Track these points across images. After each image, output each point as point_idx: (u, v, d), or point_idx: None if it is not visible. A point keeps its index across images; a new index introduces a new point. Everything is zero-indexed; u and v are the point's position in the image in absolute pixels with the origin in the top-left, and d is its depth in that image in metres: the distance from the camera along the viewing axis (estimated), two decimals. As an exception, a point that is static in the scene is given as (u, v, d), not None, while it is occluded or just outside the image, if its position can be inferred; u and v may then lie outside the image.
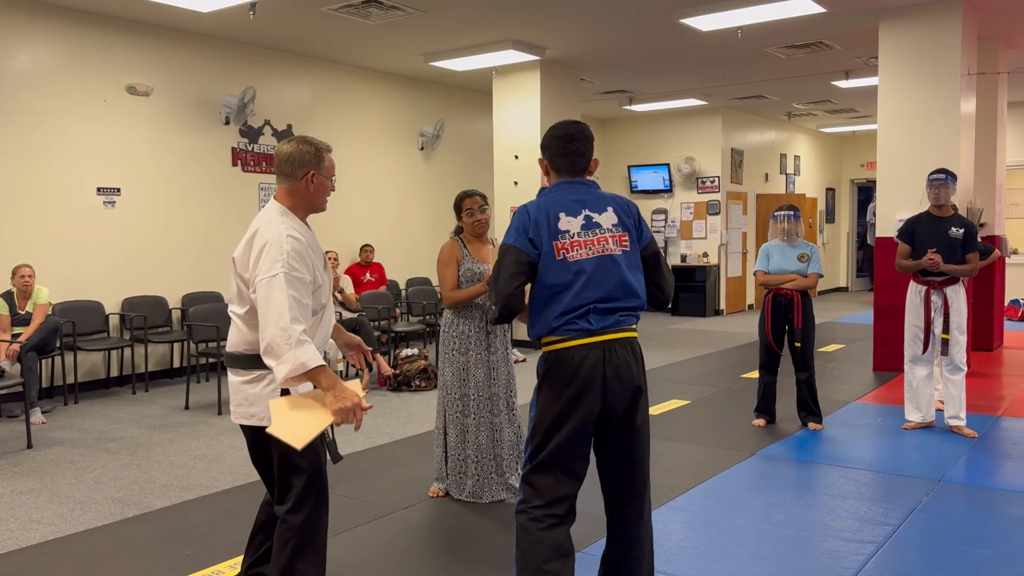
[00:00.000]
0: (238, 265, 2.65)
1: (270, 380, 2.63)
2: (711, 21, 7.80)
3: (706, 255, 13.59)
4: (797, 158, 16.11)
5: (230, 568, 3.46)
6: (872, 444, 5.35)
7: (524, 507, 2.65)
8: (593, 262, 2.60)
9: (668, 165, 13.86)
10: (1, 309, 6.34)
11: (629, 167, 14.20)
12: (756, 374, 6.01)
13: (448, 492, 4.31)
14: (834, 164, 17.82)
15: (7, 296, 6.51)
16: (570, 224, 2.63)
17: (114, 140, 7.68)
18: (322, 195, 2.75)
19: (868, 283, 17.92)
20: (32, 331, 6.34)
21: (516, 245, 2.61)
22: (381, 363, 8.57)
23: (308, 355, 2.46)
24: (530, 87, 9.71)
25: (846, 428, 5.74)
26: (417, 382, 7.39)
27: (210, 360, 7.58)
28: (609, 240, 2.64)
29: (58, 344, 6.73)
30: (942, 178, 5.41)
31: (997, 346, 9.36)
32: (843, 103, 13.02)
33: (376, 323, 8.49)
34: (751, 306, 14.53)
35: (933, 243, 5.38)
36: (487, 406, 4.18)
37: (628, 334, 2.63)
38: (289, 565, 2.68)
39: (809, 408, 5.74)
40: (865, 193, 17.69)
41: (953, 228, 5.37)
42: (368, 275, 9.54)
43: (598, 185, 2.81)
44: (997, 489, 4.41)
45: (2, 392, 5.81)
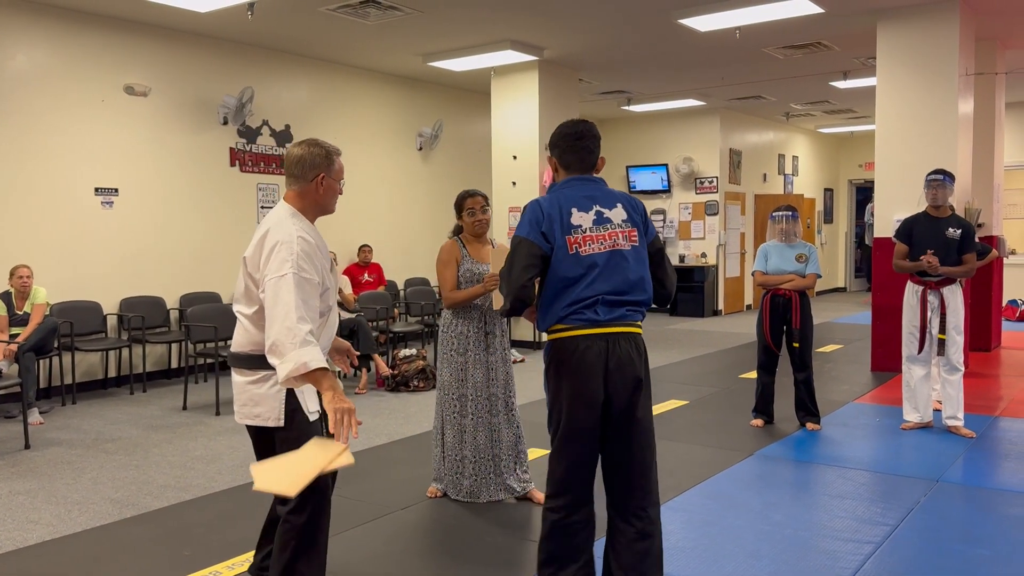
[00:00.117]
0: (249, 264, 2.66)
1: (275, 381, 2.63)
2: (709, 21, 7.81)
3: (704, 255, 13.59)
4: (795, 158, 16.13)
5: (228, 569, 3.45)
6: (870, 444, 5.35)
7: (550, 504, 2.73)
8: (604, 256, 2.67)
9: (666, 165, 13.86)
10: (-1, 309, 6.34)
11: (627, 167, 14.20)
12: (754, 374, 6.01)
13: (446, 493, 4.30)
14: (832, 164, 17.83)
15: (5, 296, 6.51)
16: (582, 219, 2.69)
17: (112, 140, 7.67)
18: (331, 197, 2.78)
19: (866, 283, 17.93)
20: (30, 331, 6.33)
21: (529, 238, 2.67)
22: (379, 363, 8.55)
23: (311, 356, 2.45)
24: (528, 87, 9.71)
25: (844, 428, 5.74)
26: (415, 382, 7.39)
27: (208, 361, 7.58)
28: (619, 235, 2.71)
29: (56, 344, 6.72)
30: (940, 179, 5.41)
31: (995, 346, 9.37)
32: (841, 103, 13.03)
33: (374, 323, 8.49)
34: (749, 306, 14.54)
35: (930, 243, 5.38)
36: (486, 407, 4.17)
37: (633, 328, 2.69)
38: (290, 565, 2.69)
39: (807, 408, 5.74)
40: (863, 193, 17.71)
41: (950, 229, 5.38)
42: (366, 275, 9.53)
43: (605, 182, 2.87)
44: (995, 489, 4.42)
45: (0, 392, 5.80)
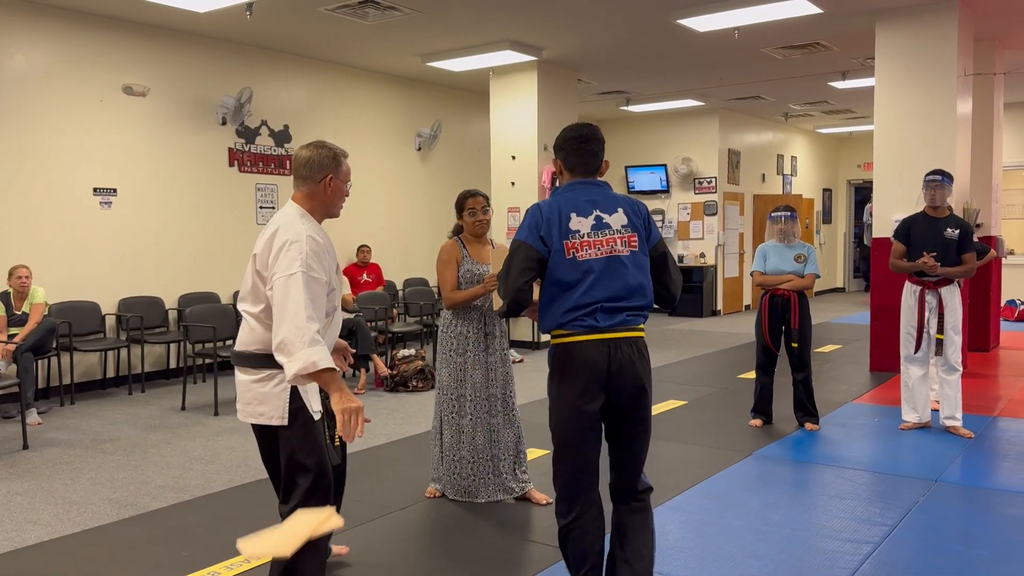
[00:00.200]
0: (258, 261, 2.67)
1: (280, 379, 2.66)
2: (708, 22, 7.81)
3: (703, 256, 13.60)
4: (794, 159, 16.13)
5: (227, 569, 3.45)
6: (868, 444, 5.36)
7: (561, 508, 2.78)
8: (601, 262, 2.69)
9: (665, 166, 13.87)
10: (-3, 310, 6.33)
11: (626, 168, 14.21)
12: (753, 374, 6.02)
13: (444, 493, 4.30)
14: (831, 165, 17.84)
15: (3, 297, 6.50)
16: (581, 224, 2.72)
17: (111, 141, 7.67)
18: (338, 199, 2.82)
19: (863, 283, 17.94)
20: (28, 331, 6.33)
21: (527, 242, 2.71)
22: (378, 363, 8.54)
23: (320, 355, 2.48)
24: (527, 88, 9.71)
25: (843, 428, 5.75)
26: (414, 383, 7.39)
27: (207, 361, 7.57)
28: (618, 241, 2.73)
29: (54, 345, 6.72)
30: (938, 179, 5.41)
31: (994, 346, 9.38)
32: (840, 104, 13.03)
33: (373, 324, 8.49)
34: (748, 307, 14.54)
35: (929, 244, 5.38)
36: (484, 407, 4.17)
37: (634, 333, 2.72)
38: (290, 564, 2.70)
39: (806, 408, 5.74)
40: (862, 194, 17.71)
41: (949, 229, 5.38)
42: (365, 275, 9.53)
43: (610, 186, 2.89)
44: (993, 489, 4.42)
45: (-2, 393, 5.80)
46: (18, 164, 7.06)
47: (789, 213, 5.74)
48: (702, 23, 7.87)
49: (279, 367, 2.63)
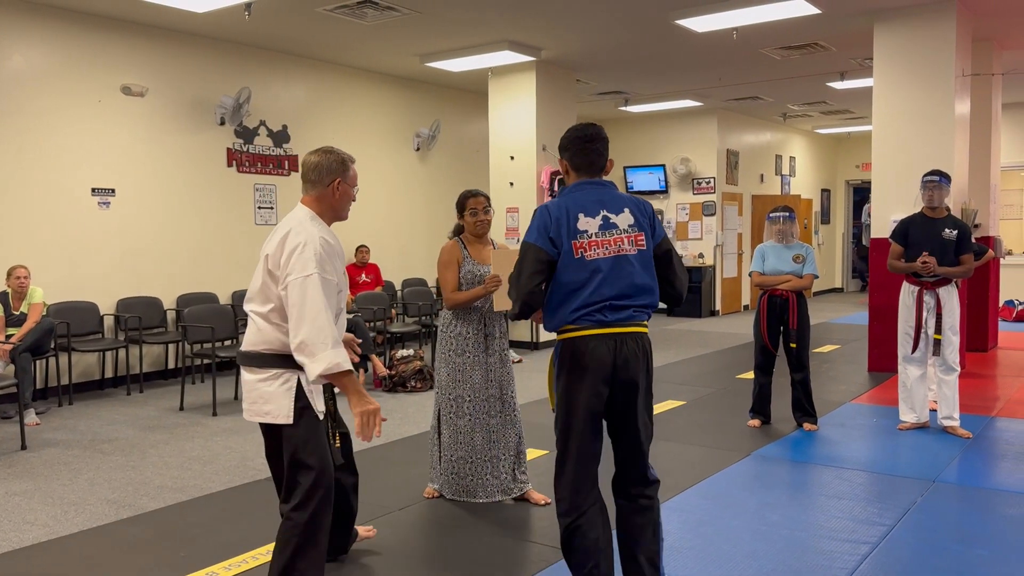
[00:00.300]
0: (270, 261, 2.72)
1: (286, 379, 2.72)
2: (706, 22, 7.82)
3: (702, 256, 13.60)
4: (792, 159, 16.15)
5: (225, 570, 3.45)
6: (867, 444, 5.36)
7: (564, 508, 2.79)
8: (609, 261, 2.74)
9: (664, 166, 13.87)
10: (-5, 310, 6.33)
11: (625, 168, 14.21)
12: (751, 375, 6.02)
13: (442, 494, 4.30)
14: (829, 165, 17.85)
15: (2, 297, 6.50)
16: (588, 224, 2.76)
17: (109, 141, 7.66)
18: (346, 202, 2.90)
19: (860, 284, 17.92)
20: (26, 331, 6.32)
21: (537, 244, 2.75)
22: (376, 364, 8.52)
23: (342, 357, 2.61)
24: (526, 88, 9.72)
25: (841, 429, 5.75)
26: (413, 383, 7.39)
27: (205, 361, 7.57)
28: (625, 240, 2.78)
29: (52, 345, 6.71)
30: (936, 180, 5.42)
31: (992, 347, 9.39)
32: (838, 104, 13.04)
33: (372, 324, 8.49)
34: (746, 307, 14.55)
35: (927, 244, 5.39)
36: (483, 408, 4.17)
37: (639, 328, 2.78)
38: (290, 563, 2.73)
39: (804, 409, 5.75)
40: (860, 194, 17.72)
41: (947, 230, 5.39)
42: (364, 276, 9.53)
43: (615, 186, 2.93)
44: (991, 489, 4.42)
45: (-4, 393, 5.80)
46: (17, 164, 7.05)
47: (787, 213, 5.74)
48: (700, 23, 7.87)
49: (285, 367, 2.70)
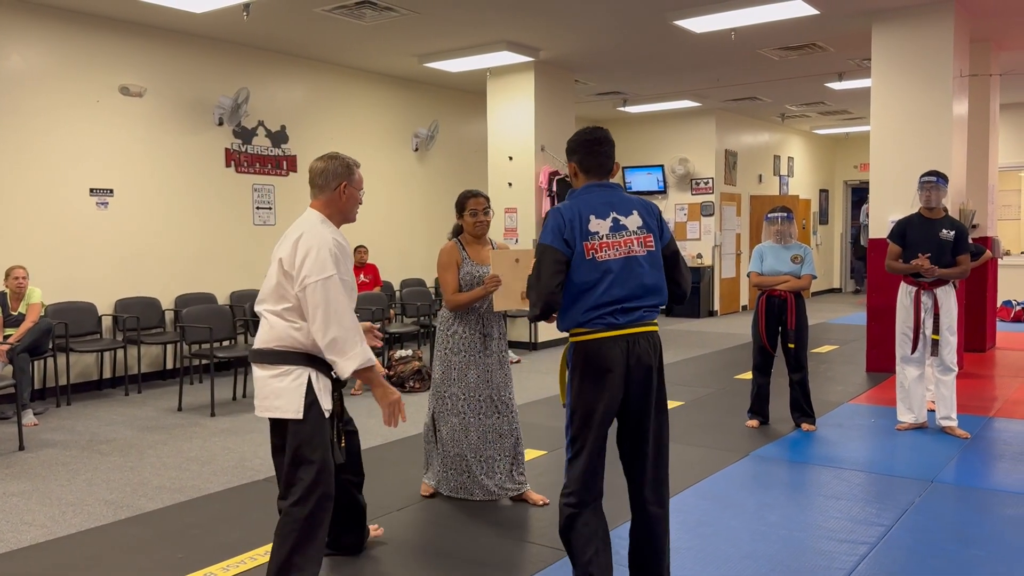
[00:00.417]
0: (286, 263, 2.83)
1: (297, 375, 2.83)
2: (704, 23, 7.82)
3: (700, 256, 13.61)
4: (791, 159, 16.16)
5: (223, 570, 3.45)
6: (865, 445, 5.36)
7: (565, 494, 2.86)
8: (619, 262, 2.82)
9: (662, 166, 13.88)
10: (-7, 310, 6.32)
11: (623, 168, 14.22)
12: (750, 375, 6.02)
13: (438, 490, 4.30)
14: (827, 166, 17.87)
15: (0, 297, 6.49)
16: (599, 226, 2.83)
17: (107, 141, 7.66)
18: (353, 205, 3.06)
19: (857, 284, 17.89)
20: (24, 332, 6.31)
21: (553, 246, 2.81)
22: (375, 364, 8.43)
23: (370, 353, 2.86)
24: (524, 88, 9.72)
25: (839, 429, 5.75)
26: (411, 383, 7.39)
27: (203, 362, 7.56)
28: (634, 242, 2.85)
29: (51, 345, 6.70)
30: (933, 180, 5.43)
31: (990, 347, 9.40)
32: (836, 105, 13.05)
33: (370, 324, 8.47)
34: (745, 307, 14.56)
35: (924, 245, 5.39)
36: (479, 408, 4.16)
37: (649, 328, 2.87)
38: (288, 558, 2.77)
39: (802, 409, 5.75)
40: (859, 195, 17.73)
41: (944, 230, 5.39)
42: (362, 276, 9.52)
43: (623, 188, 3.00)
44: (989, 490, 4.43)
45: (-6, 394, 5.80)
46: (15, 164, 7.05)
47: (786, 214, 5.74)
48: (699, 24, 7.87)
49: (296, 363, 2.84)
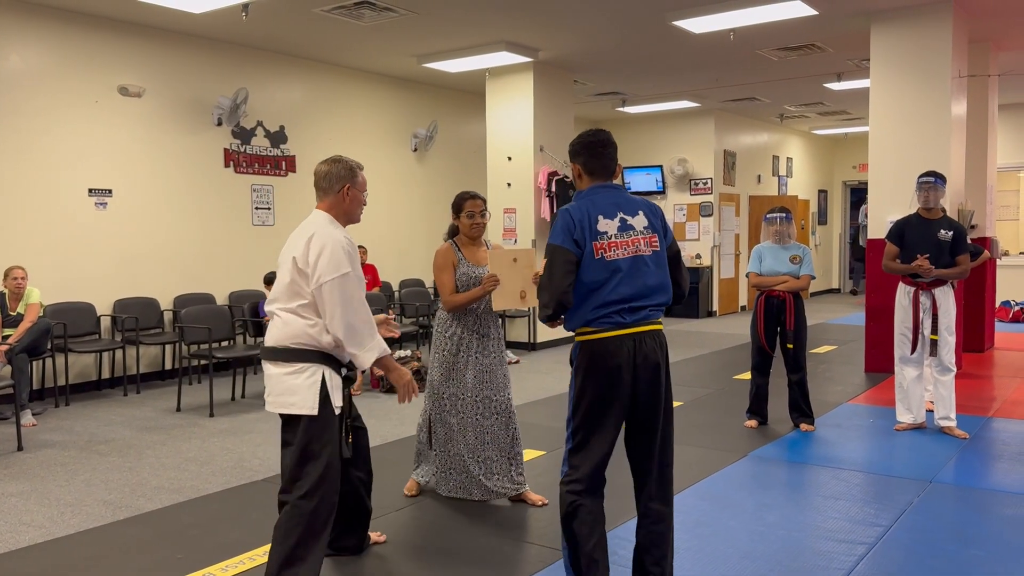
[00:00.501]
0: (299, 261, 2.93)
1: (311, 373, 2.94)
2: (703, 23, 7.82)
3: (699, 256, 13.61)
4: (789, 160, 16.16)
5: (221, 571, 3.45)
6: (863, 445, 5.37)
7: (568, 481, 2.90)
8: (628, 261, 2.87)
9: (661, 167, 13.89)
10: (-9, 311, 6.32)
11: (622, 168, 14.22)
12: (748, 375, 6.02)
13: (437, 490, 4.30)
14: (826, 166, 17.88)
15: (-2, 298, 6.49)
16: (608, 226, 2.89)
17: (106, 141, 7.65)
18: (357, 207, 3.16)
19: (855, 285, 17.85)
20: (23, 332, 6.31)
21: (564, 246, 2.85)
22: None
23: (384, 343, 3.05)
24: (523, 89, 9.72)
25: (838, 429, 5.76)
26: (410, 384, 7.37)
27: (202, 362, 7.56)
28: (641, 241, 2.91)
29: (49, 346, 6.70)
30: (931, 181, 5.43)
31: (988, 347, 9.40)
32: (835, 105, 13.06)
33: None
34: (744, 307, 14.56)
35: (922, 245, 5.40)
36: (479, 408, 4.16)
37: (655, 327, 2.93)
38: (293, 551, 2.84)
39: (801, 409, 5.75)
40: (858, 195, 17.74)
41: (942, 230, 5.40)
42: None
43: (626, 190, 3.03)
44: (988, 490, 4.43)
45: (-8, 394, 5.79)
46: (13, 165, 7.04)
47: (785, 214, 5.74)
48: (697, 25, 7.88)
49: (311, 361, 2.94)
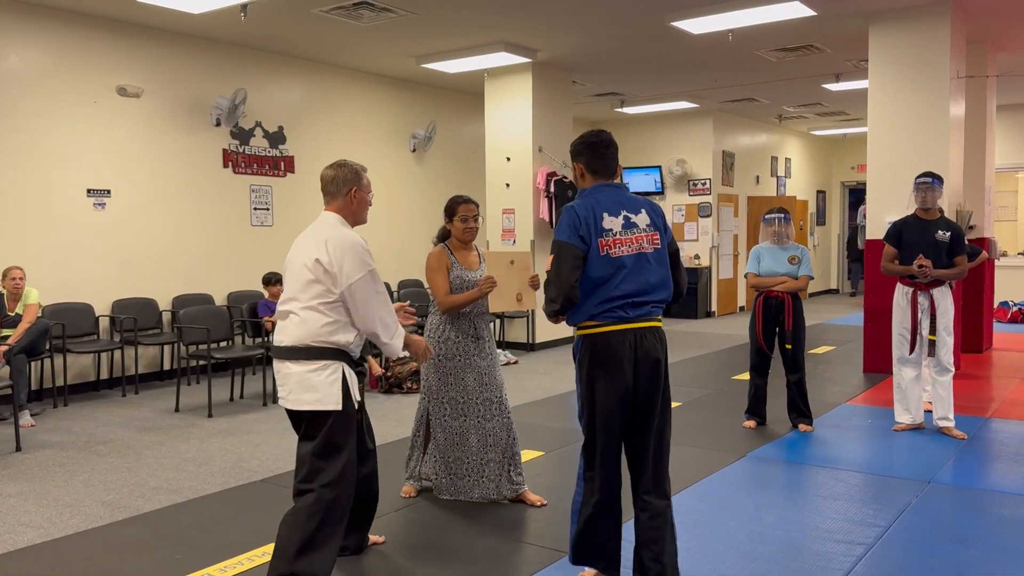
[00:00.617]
0: (324, 263, 3.02)
1: (333, 370, 3.04)
2: (702, 24, 7.82)
3: (697, 257, 13.62)
4: (788, 160, 16.18)
5: (220, 571, 3.45)
6: (862, 446, 5.37)
7: (590, 478, 3.01)
8: (632, 258, 2.95)
9: (660, 167, 13.89)
10: (-10, 311, 6.31)
11: (622, 169, 14.22)
12: (747, 376, 6.03)
13: (438, 493, 4.30)
14: (825, 167, 17.89)
15: (-4, 298, 6.48)
16: (612, 223, 2.96)
17: (105, 142, 7.65)
18: (363, 208, 3.26)
19: (852, 287, 17.82)
20: (21, 333, 6.30)
21: (571, 242, 2.93)
22: (372, 364, 8.52)
23: (402, 328, 3.26)
24: (522, 89, 9.72)
25: (836, 430, 5.76)
26: (408, 384, 7.38)
27: (200, 363, 7.56)
28: (644, 239, 2.99)
29: (48, 346, 6.69)
30: (928, 181, 5.44)
31: (987, 348, 9.41)
32: (833, 106, 13.07)
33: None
34: (742, 308, 14.57)
35: (920, 246, 5.40)
36: (479, 411, 4.16)
37: (655, 323, 3.02)
38: (313, 535, 2.94)
39: (799, 410, 5.75)
40: (856, 196, 17.74)
41: (940, 231, 5.40)
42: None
43: (628, 189, 3.12)
44: (986, 490, 4.44)
45: (-9, 395, 5.79)
46: (12, 165, 7.04)
47: (783, 215, 5.75)
48: (696, 25, 7.88)
49: (333, 358, 3.04)
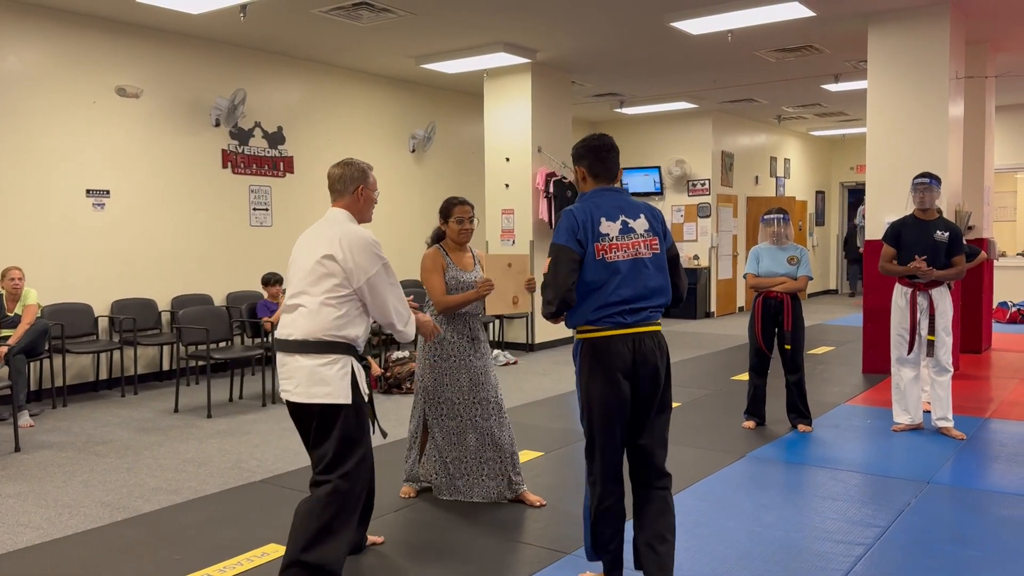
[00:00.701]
0: (339, 258, 3.07)
1: (343, 364, 3.08)
2: (701, 24, 7.83)
3: (696, 257, 13.62)
4: (787, 161, 16.18)
5: (219, 572, 3.45)
6: (861, 446, 5.37)
7: (593, 482, 3.05)
8: (628, 264, 2.97)
9: (659, 168, 13.90)
10: (-11, 312, 6.31)
11: (621, 171, 14.22)
12: (746, 376, 6.03)
13: (437, 493, 4.30)
14: (824, 167, 17.90)
15: (-5, 298, 6.48)
16: (610, 228, 2.98)
17: (104, 142, 7.64)
18: (369, 207, 3.33)
19: (851, 287, 17.81)
20: (20, 333, 6.30)
21: (568, 245, 2.96)
22: (371, 364, 8.52)
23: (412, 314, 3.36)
24: (521, 90, 9.73)
25: (835, 430, 5.76)
26: (407, 384, 7.38)
27: (200, 363, 7.56)
28: (641, 244, 3.01)
29: (47, 347, 6.69)
30: (926, 182, 5.44)
31: (986, 348, 9.41)
32: (833, 106, 13.08)
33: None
34: (741, 308, 14.57)
35: (919, 246, 5.40)
36: (476, 411, 4.17)
37: (654, 327, 3.05)
38: (328, 524, 2.98)
39: (799, 410, 5.76)
40: (855, 196, 17.75)
41: (938, 232, 5.40)
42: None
43: (629, 193, 3.15)
44: (985, 490, 4.44)
45: (-10, 395, 5.79)
46: (11, 165, 7.03)
47: (782, 215, 5.75)
48: (695, 26, 7.88)
49: (342, 352, 3.08)
